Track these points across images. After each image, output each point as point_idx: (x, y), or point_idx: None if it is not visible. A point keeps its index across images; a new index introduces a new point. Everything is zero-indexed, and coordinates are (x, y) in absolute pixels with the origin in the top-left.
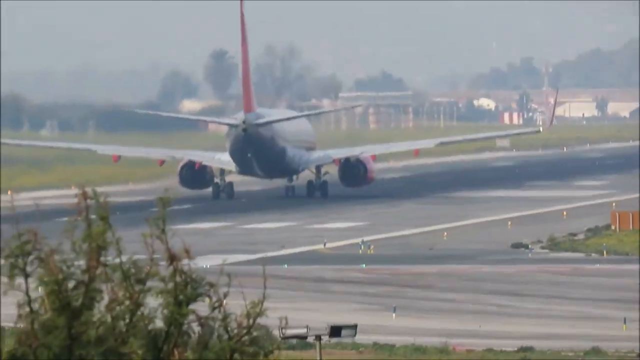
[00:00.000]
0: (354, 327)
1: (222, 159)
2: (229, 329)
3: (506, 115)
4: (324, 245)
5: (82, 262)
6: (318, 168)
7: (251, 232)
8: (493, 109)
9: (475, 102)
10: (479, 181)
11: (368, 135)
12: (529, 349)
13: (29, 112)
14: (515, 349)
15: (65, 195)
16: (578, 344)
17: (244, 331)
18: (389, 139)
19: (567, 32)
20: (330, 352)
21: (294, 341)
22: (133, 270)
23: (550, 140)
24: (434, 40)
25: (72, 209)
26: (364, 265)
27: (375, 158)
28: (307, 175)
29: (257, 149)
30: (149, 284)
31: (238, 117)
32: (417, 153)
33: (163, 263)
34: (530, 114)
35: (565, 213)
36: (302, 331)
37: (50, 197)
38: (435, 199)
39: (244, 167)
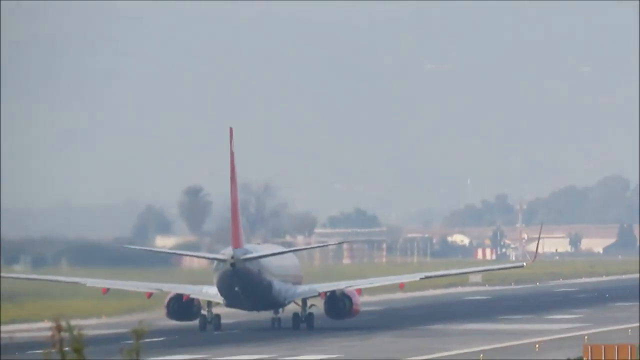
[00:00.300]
0: None
1: (209, 292)
2: None
3: (479, 251)
4: None
5: None
6: (304, 301)
7: None
8: (467, 244)
9: (449, 238)
10: (452, 314)
11: (342, 270)
12: None
13: (3, 248)
14: None
15: (40, 329)
16: None
17: None
18: (363, 275)
19: (541, 170)
20: None
21: None
22: None
23: (523, 275)
24: (408, 178)
25: (47, 342)
26: None
27: (360, 292)
28: (293, 307)
29: (244, 283)
30: None
31: (226, 253)
32: (402, 286)
33: None
34: (504, 249)
35: (537, 346)
36: None
37: (25, 330)
38: (408, 332)
39: (231, 300)
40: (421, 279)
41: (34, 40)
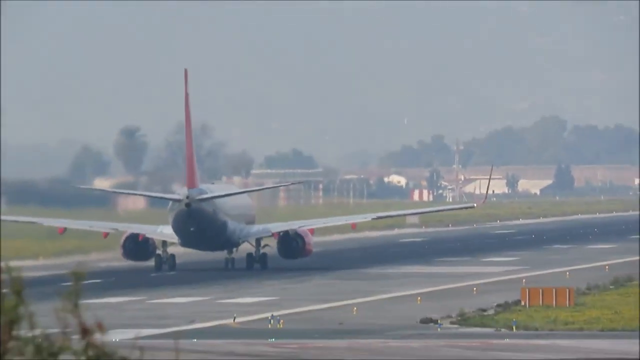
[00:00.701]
0: None
1: (164, 232)
2: None
3: (416, 192)
4: (234, 319)
5: None
6: (258, 241)
7: (161, 306)
8: (404, 186)
9: (386, 179)
10: (390, 257)
11: (277, 212)
12: None
13: None
14: None
15: None
16: None
17: None
18: (299, 216)
19: (478, 110)
20: None
21: None
22: (46, 344)
23: (460, 216)
24: (344, 119)
25: None
26: (272, 339)
27: (313, 232)
28: (247, 247)
29: (199, 223)
30: (61, 357)
31: (181, 193)
32: (354, 227)
33: (76, 337)
34: (440, 191)
35: (475, 289)
36: None
37: None
38: (345, 274)
39: (186, 240)
40: (373, 219)
41: None
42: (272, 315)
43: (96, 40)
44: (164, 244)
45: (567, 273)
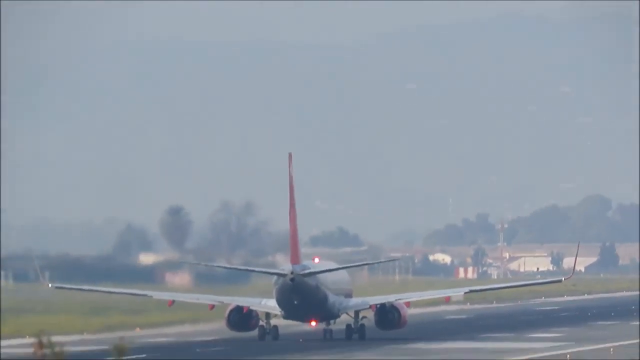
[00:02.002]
0: None
1: (268, 304)
2: None
3: (461, 270)
4: None
5: None
6: (356, 313)
7: None
8: (448, 263)
9: (431, 257)
10: (434, 333)
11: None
12: None
13: None
14: None
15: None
16: None
17: None
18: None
19: (523, 189)
20: None
21: None
22: None
23: (504, 293)
24: (389, 198)
25: (30, 359)
26: None
27: (409, 305)
28: (346, 319)
29: (302, 296)
30: None
31: (286, 268)
32: (448, 300)
33: None
34: (485, 268)
35: None
36: None
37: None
38: (389, 350)
39: (289, 312)
40: (465, 293)
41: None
42: None
43: (139, 118)
44: (267, 315)
45: (612, 349)
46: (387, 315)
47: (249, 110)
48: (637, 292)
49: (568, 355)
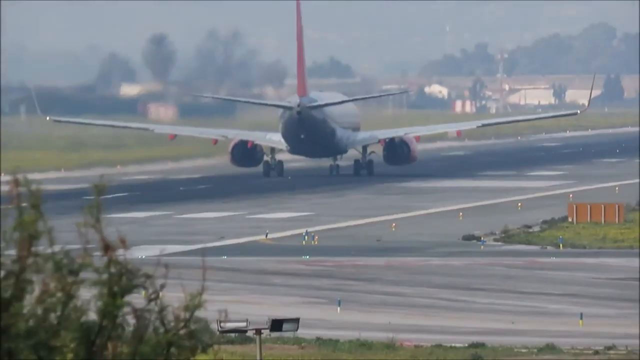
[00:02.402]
0: (296, 320)
1: (273, 139)
2: (165, 322)
3: (459, 103)
4: (266, 236)
5: (12, 252)
6: (364, 148)
7: (190, 222)
8: (445, 96)
9: (427, 90)
10: (430, 171)
11: None
12: (481, 345)
13: None
14: (466, 345)
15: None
16: (531, 340)
17: (181, 324)
18: None
19: (523, 17)
20: (271, 346)
21: (233, 335)
22: (66, 261)
23: (504, 129)
24: (384, 26)
25: (4, 197)
26: (307, 257)
27: (419, 139)
28: (353, 154)
29: (309, 130)
30: (82, 275)
31: (292, 101)
32: (459, 134)
33: (97, 253)
34: (484, 102)
35: (519, 204)
36: (242, 325)
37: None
38: (383, 189)
39: (295, 147)
40: (478, 127)
41: None
42: (307, 231)
43: None
44: (272, 150)
45: (617, 188)
46: (397, 150)
47: None
48: None
49: (570, 195)
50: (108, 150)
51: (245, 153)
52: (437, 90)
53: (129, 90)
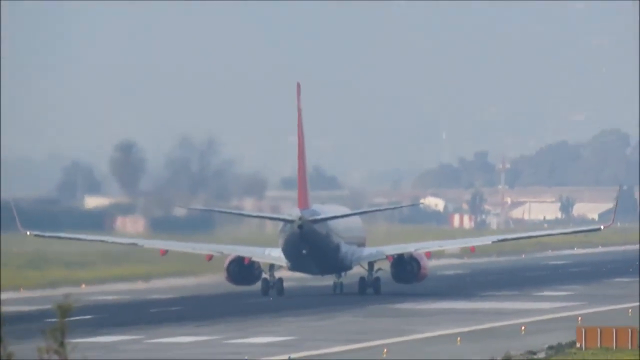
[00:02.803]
0: None
1: (272, 255)
2: None
3: (456, 217)
4: None
5: None
6: (370, 264)
7: (160, 347)
8: (442, 209)
9: (422, 202)
10: (426, 291)
11: None
12: None
13: None
14: None
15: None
16: None
17: None
18: None
19: (527, 123)
20: None
21: None
22: None
23: (506, 246)
24: (374, 132)
25: None
26: None
27: (429, 255)
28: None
29: (312, 246)
30: None
31: (293, 214)
32: (473, 250)
33: None
34: (484, 216)
35: (523, 328)
36: None
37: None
38: (374, 311)
39: (296, 264)
40: (493, 242)
41: None
42: (290, 357)
43: (94, 44)
44: (272, 267)
45: (630, 310)
46: (406, 267)
47: (211, 30)
48: None
49: (579, 318)
50: (71, 267)
51: (242, 270)
52: (433, 203)
53: (94, 202)
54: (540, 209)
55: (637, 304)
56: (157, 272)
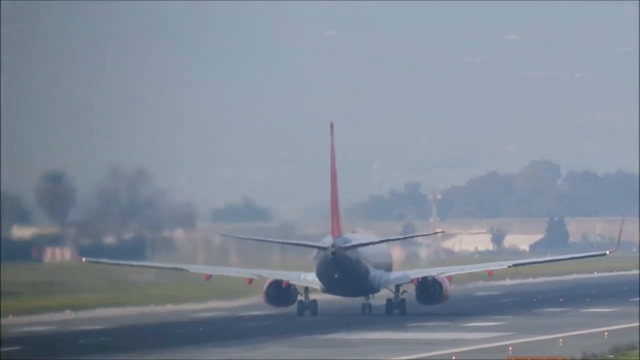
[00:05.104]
0: None
1: (307, 279)
2: None
3: None
4: None
5: None
6: (397, 287)
7: None
8: None
9: (350, 235)
10: (355, 322)
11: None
12: None
13: None
14: None
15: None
16: None
17: None
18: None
19: (458, 155)
20: None
21: None
22: None
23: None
24: (304, 165)
25: None
26: None
27: (450, 279)
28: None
29: (343, 270)
30: None
31: (327, 241)
32: (490, 274)
33: None
34: (414, 248)
35: (454, 358)
36: None
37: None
38: (303, 340)
39: (329, 287)
40: (509, 266)
41: None
42: None
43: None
44: (306, 290)
45: (561, 340)
46: (429, 290)
47: (142, 58)
48: (590, 275)
49: (510, 348)
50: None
51: (280, 293)
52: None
53: (21, 232)
54: (472, 240)
55: (568, 334)
56: (88, 303)
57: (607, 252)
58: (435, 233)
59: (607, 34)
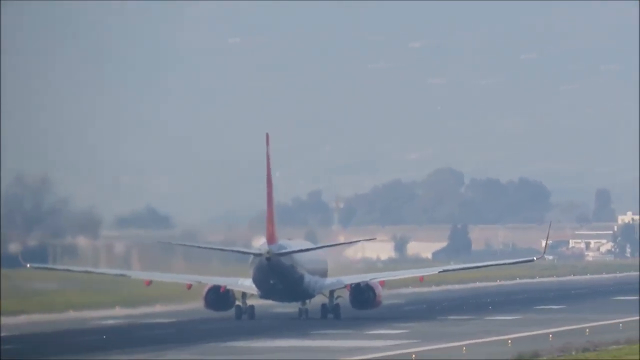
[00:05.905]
0: None
1: (244, 284)
2: None
3: None
4: None
5: None
6: (331, 292)
7: None
8: None
9: (255, 243)
10: (258, 330)
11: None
12: None
13: None
14: None
15: None
16: None
17: None
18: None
19: (360, 162)
20: None
21: None
22: None
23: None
24: (209, 171)
25: None
26: None
27: (383, 284)
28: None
29: (279, 276)
30: None
31: (262, 248)
32: (422, 280)
33: None
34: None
35: None
36: None
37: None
38: (207, 349)
39: (265, 292)
40: (439, 272)
41: None
42: None
43: None
44: (244, 295)
45: (464, 348)
46: (363, 295)
47: (48, 64)
48: (494, 283)
49: (413, 355)
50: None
51: (218, 298)
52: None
53: None
54: (375, 248)
55: (471, 341)
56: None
57: (535, 259)
58: (368, 240)
59: (511, 41)
